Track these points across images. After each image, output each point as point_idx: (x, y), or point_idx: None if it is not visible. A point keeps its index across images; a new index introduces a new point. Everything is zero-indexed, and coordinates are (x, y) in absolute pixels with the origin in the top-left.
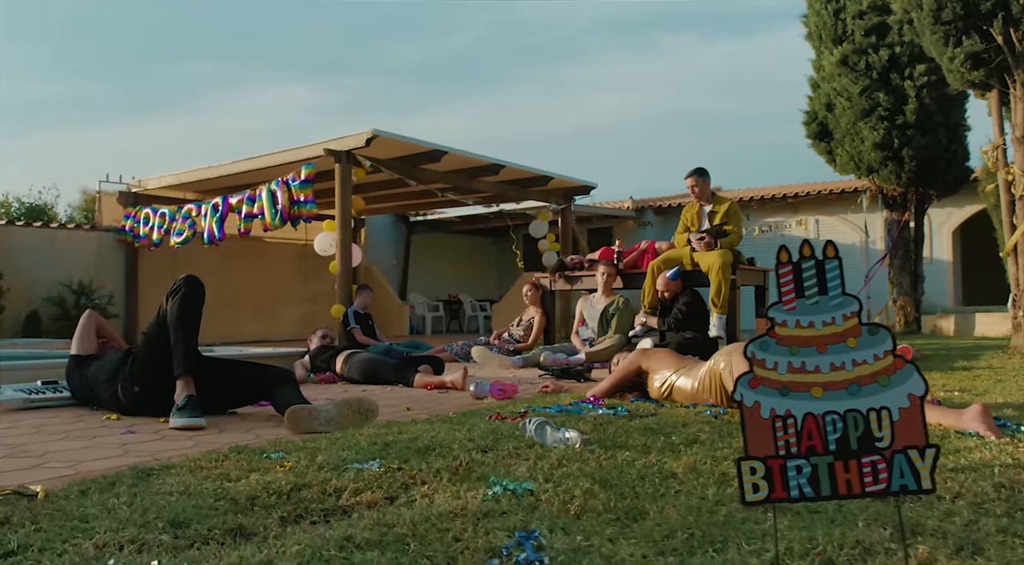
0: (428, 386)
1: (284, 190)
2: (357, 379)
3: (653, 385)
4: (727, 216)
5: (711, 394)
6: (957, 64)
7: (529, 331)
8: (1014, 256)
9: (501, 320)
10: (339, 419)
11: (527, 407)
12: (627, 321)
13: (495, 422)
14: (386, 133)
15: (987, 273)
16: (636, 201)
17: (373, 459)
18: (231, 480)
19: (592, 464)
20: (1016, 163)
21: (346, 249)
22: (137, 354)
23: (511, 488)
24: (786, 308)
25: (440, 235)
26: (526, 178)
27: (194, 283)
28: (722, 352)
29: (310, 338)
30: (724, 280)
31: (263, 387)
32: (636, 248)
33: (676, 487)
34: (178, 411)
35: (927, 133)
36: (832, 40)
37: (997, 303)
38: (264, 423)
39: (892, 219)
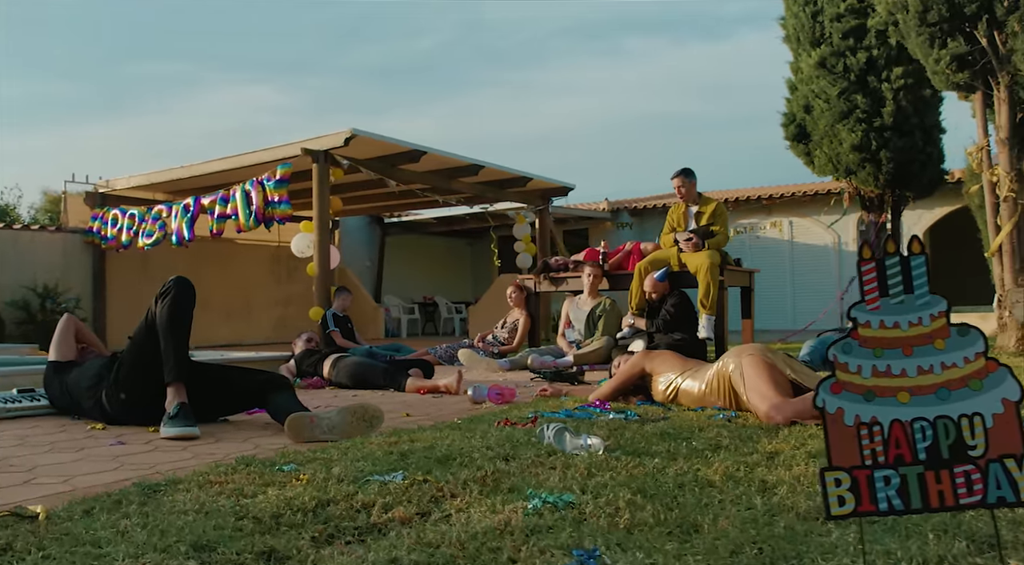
0: (421, 390)
1: (259, 190)
2: (346, 384)
3: (657, 388)
4: (714, 217)
5: (719, 397)
6: (943, 66)
7: (514, 333)
8: (999, 256)
9: (479, 322)
10: (343, 427)
11: (533, 412)
12: (614, 323)
13: (506, 428)
14: (365, 133)
15: (956, 275)
16: (612, 203)
17: (394, 470)
18: (247, 496)
19: (623, 473)
20: (1001, 164)
21: (324, 250)
22: (123, 360)
23: (551, 500)
24: (869, 308)
25: (415, 236)
26: (504, 179)
27: (184, 285)
28: (731, 353)
29: (294, 342)
30: (713, 281)
31: (257, 393)
32: (621, 249)
33: (718, 496)
34: (170, 420)
35: (904, 135)
36: (810, 42)
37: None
38: (260, 431)
39: (870, 221)
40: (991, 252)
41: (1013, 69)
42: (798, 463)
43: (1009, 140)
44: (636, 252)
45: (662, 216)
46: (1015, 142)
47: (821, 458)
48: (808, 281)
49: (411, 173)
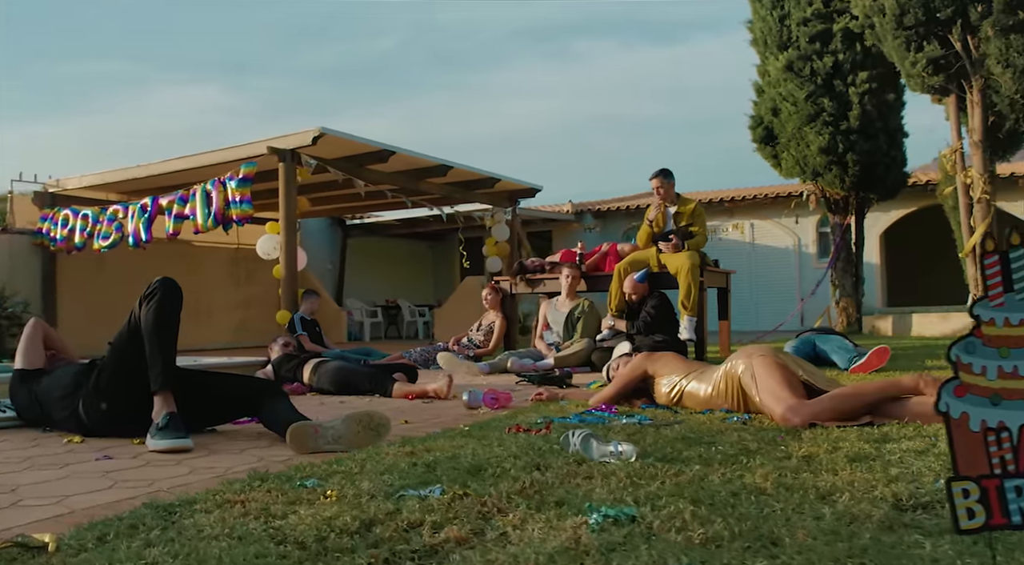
0: (409, 396)
1: (220, 190)
2: (328, 389)
3: (660, 390)
4: (692, 217)
5: (727, 399)
6: (919, 69)
7: (489, 336)
8: (973, 257)
9: (445, 325)
10: (348, 436)
11: (543, 418)
12: (593, 324)
13: (520, 435)
14: (333, 131)
15: (909, 276)
16: (576, 204)
17: (426, 484)
18: (277, 516)
19: (667, 482)
20: (974, 166)
21: (291, 252)
22: (104, 366)
23: (612, 514)
24: (993, 304)
25: (377, 239)
26: (472, 180)
27: (170, 286)
28: (739, 355)
29: (270, 346)
30: (694, 282)
31: (249, 402)
32: (598, 250)
33: (776, 505)
34: (159, 431)
35: (869, 138)
36: (777, 46)
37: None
38: (256, 442)
39: (835, 223)
40: (965, 253)
41: (986, 73)
42: (841, 467)
43: (982, 142)
44: (613, 253)
45: (626, 218)
46: (988, 144)
47: (861, 462)
48: (769, 282)
49: (379, 173)
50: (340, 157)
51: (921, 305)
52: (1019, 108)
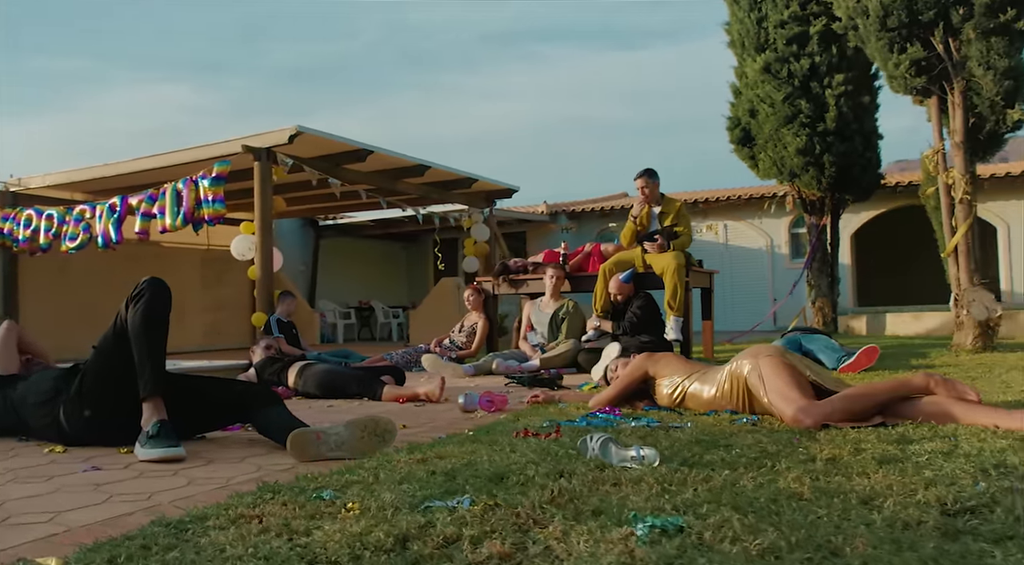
0: (400, 399)
1: (191, 188)
2: (314, 393)
3: (661, 391)
4: (677, 217)
5: (732, 400)
6: (903, 70)
7: (472, 337)
8: (954, 256)
9: (420, 327)
10: (352, 443)
11: (549, 421)
12: (578, 325)
13: (531, 440)
14: (311, 130)
15: (877, 276)
16: (550, 205)
17: (450, 494)
18: (300, 533)
19: (700, 488)
20: (956, 167)
21: (267, 253)
22: (87, 371)
23: (659, 524)
24: None
25: (350, 240)
26: (450, 180)
27: (159, 286)
28: (744, 355)
29: (252, 349)
30: (680, 282)
31: (242, 407)
32: (581, 250)
33: (820, 510)
34: (149, 440)
35: (845, 140)
36: (755, 48)
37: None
38: (251, 450)
39: (811, 223)
40: (947, 253)
41: (968, 75)
42: (871, 470)
43: (964, 144)
44: (596, 253)
45: (600, 219)
46: (969, 146)
47: (890, 464)
48: (742, 283)
49: (355, 173)
50: (317, 156)
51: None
52: (999, 110)
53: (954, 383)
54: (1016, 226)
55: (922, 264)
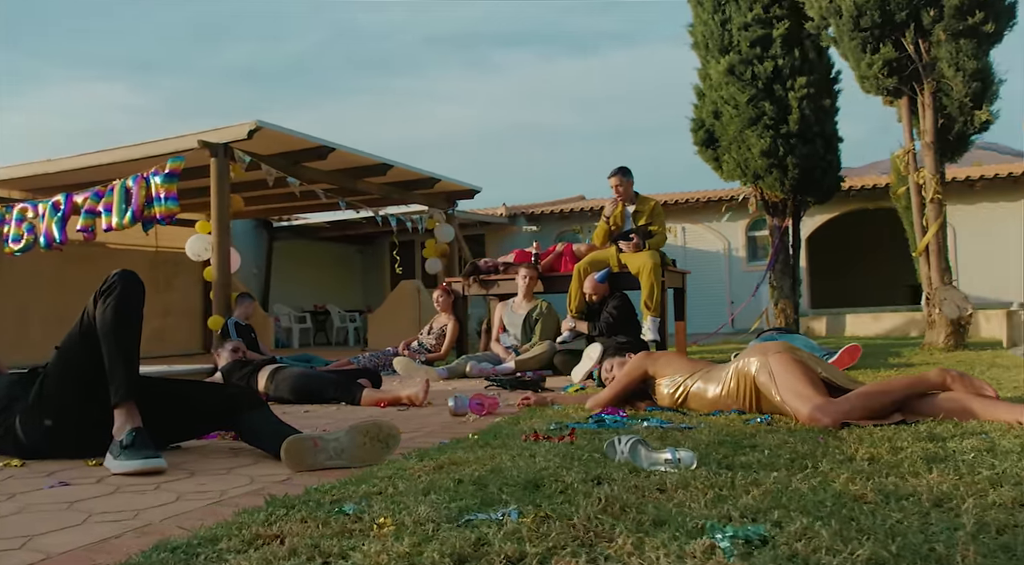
0: (381, 403)
1: (142, 186)
2: (288, 398)
3: (662, 391)
4: (652, 216)
5: (738, 399)
6: (875, 70)
7: (442, 339)
8: (925, 256)
9: (379, 330)
10: (353, 450)
11: (555, 424)
12: (552, 326)
13: (545, 444)
14: (271, 125)
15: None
16: (510, 208)
17: (488, 505)
18: (336, 555)
19: (754, 492)
20: (926, 167)
21: (224, 253)
22: (48, 375)
23: (740, 535)
24: None
25: (304, 242)
26: (412, 180)
27: (131, 280)
28: (751, 352)
29: (217, 353)
30: (656, 282)
31: (225, 413)
32: (552, 250)
33: (896, 515)
34: (124, 450)
35: (807, 142)
36: (719, 50)
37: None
38: (237, 459)
39: (774, 225)
40: (918, 252)
41: (938, 76)
42: (920, 470)
43: (934, 144)
44: (568, 253)
45: (560, 221)
46: (939, 146)
47: (938, 463)
48: (700, 286)
49: (316, 172)
50: (276, 153)
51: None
52: (967, 111)
53: (970, 379)
54: (963, 230)
55: (876, 266)
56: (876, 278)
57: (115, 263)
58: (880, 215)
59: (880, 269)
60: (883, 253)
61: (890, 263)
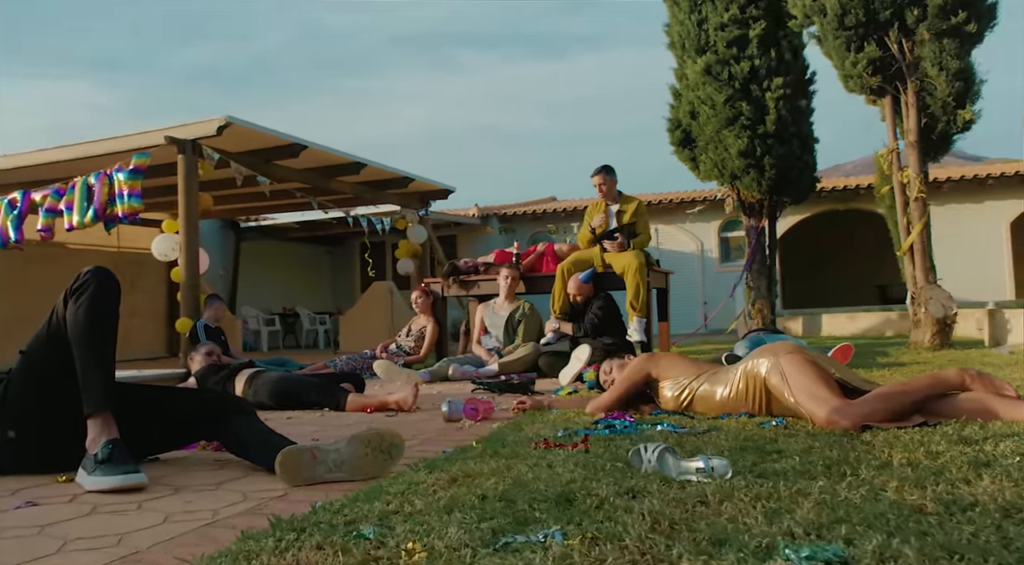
0: (367, 408)
1: (104, 183)
2: (267, 404)
3: (665, 394)
4: (636, 216)
5: (748, 401)
6: (860, 69)
7: (421, 342)
8: (910, 255)
9: (352, 333)
10: (354, 461)
11: (562, 431)
12: (535, 328)
13: (558, 451)
14: (241, 121)
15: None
16: (482, 208)
17: (521, 524)
18: None
19: (804, 503)
20: (910, 166)
21: (192, 253)
22: (12, 381)
23: (820, 557)
24: None
25: (272, 243)
26: (386, 179)
27: (106, 278)
28: (761, 353)
29: (191, 357)
30: (642, 282)
31: (206, 421)
32: (533, 250)
33: (967, 528)
34: (100, 465)
35: (784, 143)
36: (695, 50)
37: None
38: (223, 473)
39: (750, 225)
40: (903, 251)
41: (921, 75)
42: (970, 477)
43: (917, 143)
44: (550, 253)
45: (532, 222)
46: (922, 145)
47: (985, 468)
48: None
49: (287, 170)
50: (246, 151)
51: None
52: (950, 111)
53: (991, 378)
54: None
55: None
56: (843, 279)
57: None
58: (848, 217)
59: (847, 270)
60: (850, 254)
61: (856, 264)
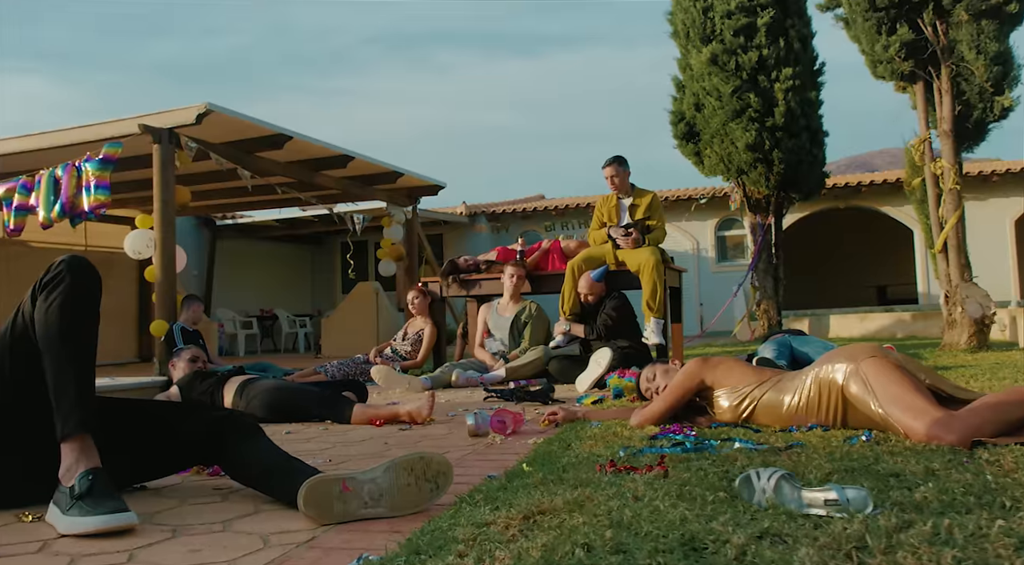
0: (376, 421)
1: (72, 175)
2: (262, 416)
3: (721, 403)
4: (650, 210)
5: (821, 412)
6: (891, 52)
7: (418, 345)
8: (944, 252)
9: (335, 336)
10: (394, 493)
11: (624, 449)
12: (542, 330)
13: (634, 476)
14: (222, 109)
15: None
16: (470, 206)
17: None
18: None
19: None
20: (944, 156)
21: (168, 250)
22: None
23: None
24: None
25: (250, 242)
26: (374, 174)
27: (84, 269)
28: (834, 357)
29: (172, 363)
30: (659, 280)
31: (206, 442)
32: (538, 247)
33: None
34: (78, 502)
35: (793, 136)
36: (700, 39)
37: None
38: (229, 507)
39: (756, 222)
40: (937, 248)
41: (957, 59)
42: None
43: (952, 131)
44: (556, 250)
45: (522, 221)
46: (956, 134)
47: None
48: None
49: (270, 163)
50: (226, 142)
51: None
52: (987, 97)
53: None
54: None
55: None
56: (842, 279)
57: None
58: (846, 215)
59: (845, 270)
60: (848, 254)
61: (855, 264)
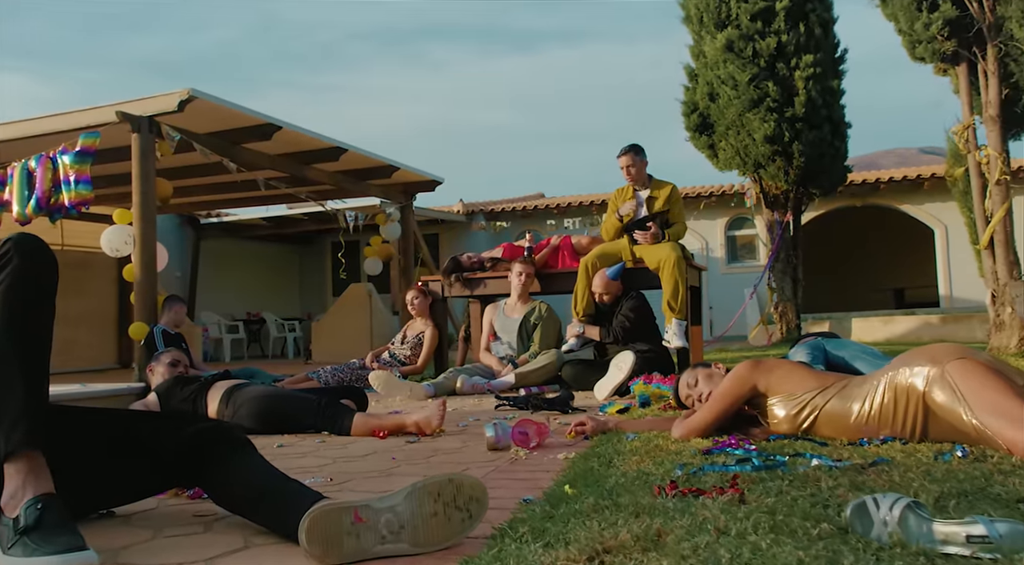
0: (380, 433)
1: (47, 167)
2: (250, 426)
3: (776, 412)
4: (670, 203)
5: (896, 423)
6: (933, 30)
7: (418, 349)
8: (990, 248)
9: (326, 340)
10: (417, 524)
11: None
12: (553, 332)
13: (704, 501)
14: (207, 96)
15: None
16: (467, 205)
17: None
18: None
19: None
20: (990, 144)
21: (149, 247)
22: None
23: None
24: None
25: (235, 242)
26: (368, 168)
27: (34, 248)
28: (914, 358)
29: (150, 368)
30: (681, 278)
31: (184, 460)
32: (547, 243)
33: None
34: (24, 537)
35: (814, 127)
36: (715, 24)
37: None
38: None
39: (774, 220)
40: (983, 244)
41: (1005, 38)
42: None
43: (999, 117)
44: (566, 246)
45: (521, 219)
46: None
47: None
48: None
49: (258, 155)
50: (211, 132)
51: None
52: None
53: None
54: (954, 228)
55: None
56: (858, 281)
57: None
58: (864, 214)
59: (861, 272)
60: (865, 255)
61: (871, 266)
